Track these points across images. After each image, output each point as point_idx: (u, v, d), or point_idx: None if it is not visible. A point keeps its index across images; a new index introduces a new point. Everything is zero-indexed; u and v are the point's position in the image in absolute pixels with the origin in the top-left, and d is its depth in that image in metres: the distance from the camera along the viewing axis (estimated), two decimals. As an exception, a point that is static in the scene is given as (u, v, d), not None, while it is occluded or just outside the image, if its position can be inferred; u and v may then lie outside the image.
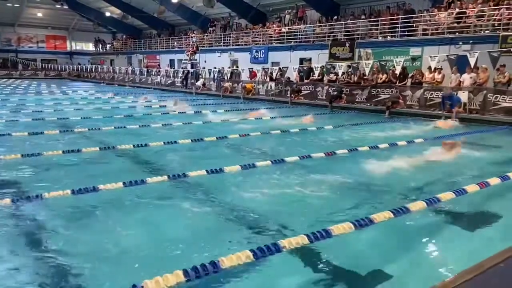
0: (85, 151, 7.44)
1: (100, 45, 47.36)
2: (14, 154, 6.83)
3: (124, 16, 40.98)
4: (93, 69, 40.00)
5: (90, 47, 49.35)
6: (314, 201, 5.25)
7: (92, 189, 4.99)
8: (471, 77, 13.89)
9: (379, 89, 16.30)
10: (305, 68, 20.47)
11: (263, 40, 26.01)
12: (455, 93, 13.67)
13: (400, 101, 14.92)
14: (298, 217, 4.59)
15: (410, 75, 16.08)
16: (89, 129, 10.01)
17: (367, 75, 17.05)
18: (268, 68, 22.43)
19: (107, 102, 18.24)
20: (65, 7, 41.31)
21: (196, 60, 29.34)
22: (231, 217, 4.56)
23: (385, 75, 16.66)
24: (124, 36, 44.90)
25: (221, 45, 29.41)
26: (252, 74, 22.90)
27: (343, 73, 17.78)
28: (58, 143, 8.48)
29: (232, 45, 28.40)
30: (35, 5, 42.72)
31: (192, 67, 28.37)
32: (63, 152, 7.21)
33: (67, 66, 43.12)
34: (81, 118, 12.45)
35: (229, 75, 24.74)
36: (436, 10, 17.80)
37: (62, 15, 45.08)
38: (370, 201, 5.20)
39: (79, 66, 41.92)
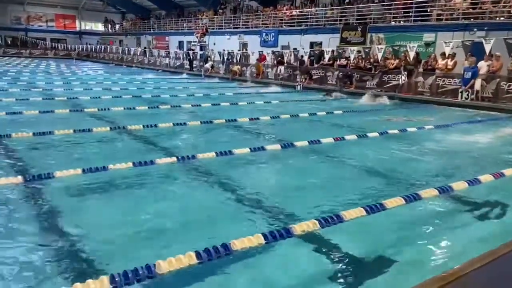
0: (95, 131, 7.45)
1: (109, 25, 47.14)
2: (26, 133, 6.85)
3: (133, -4, 40.70)
4: (102, 50, 39.89)
5: (99, 27, 49.14)
6: (324, 186, 5.22)
7: (102, 168, 5.00)
8: (488, 65, 13.63)
9: (390, 75, 16.07)
10: (316, 52, 20.21)
11: (273, 23, 25.67)
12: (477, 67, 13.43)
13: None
14: (308, 202, 4.57)
15: (424, 61, 15.82)
16: (99, 109, 10.01)
17: (379, 60, 16.79)
18: (278, 51, 22.19)
19: (116, 83, 18.22)
20: (75, -15, 41.10)
21: (205, 42, 29.11)
22: (241, 200, 4.55)
23: (397, 61, 16.39)
24: (134, 17, 44.60)
25: (230, 28, 29.10)
26: (262, 58, 22.70)
27: (354, 58, 17.52)
28: (69, 122, 8.48)
29: (242, 28, 28.09)
30: (45, -17, 42.52)
31: (201, 49, 28.17)
32: (74, 131, 7.22)
33: (76, 46, 43.06)
34: (91, 98, 12.46)
35: (238, 58, 24.54)
36: (451, -5, 17.40)
37: (71, -6, 44.88)
38: (383, 186, 5.16)
39: (88, 46, 41.84)
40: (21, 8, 44.86)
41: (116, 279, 2.57)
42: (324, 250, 3.53)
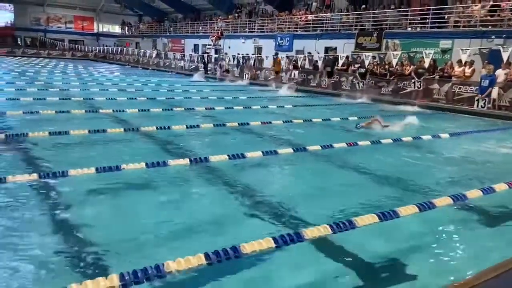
0: (110, 132, 7.54)
1: (126, 28, 47.79)
2: (42, 132, 6.97)
3: (150, -1, 41.21)
4: (119, 51, 40.41)
5: (116, 29, 49.84)
6: (337, 191, 5.19)
7: (115, 168, 5.05)
8: (505, 73, 13.42)
9: (406, 82, 15.93)
10: (330, 57, 20.16)
11: (288, 28, 25.70)
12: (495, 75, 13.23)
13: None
14: (320, 207, 4.54)
15: (440, 68, 15.66)
16: (114, 110, 10.13)
17: (394, 66, 16.67)
18: (293, 56, 22.20)
19: (131, 85, 18.42)
20: (94, -12, 41.83)
21: (220, 45, 29.28)
22: (252, 203, 4.54)
23: (412, 67, 16.27)
24: (150, 20, 45.13)
25: (246, 32, 29.23)
26: (277, 61, 22.72)
27: (369, 63, 17.42)
28: (84, 122, 8.60)
29: (257, 32, 28.18)
30: (64, -14, 43.37)
31: (216, 53, 28.34)
32: (89, 131, 7.31)
33: (93, 47, 43.72)
34: (106, 99, 12.62)
35: (252, 61, 24.62)
36: (469, 2, 17.20)
37: (90, -4, 45.67)
38: (395, 193, 5.11)
39: (105, 48, 42.44)
40: (41, 9, 45.78)
41: (126, 278, 2.59)
42: (335, 256, 3.50)
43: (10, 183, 4.46)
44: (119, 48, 41.14)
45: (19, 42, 44.26)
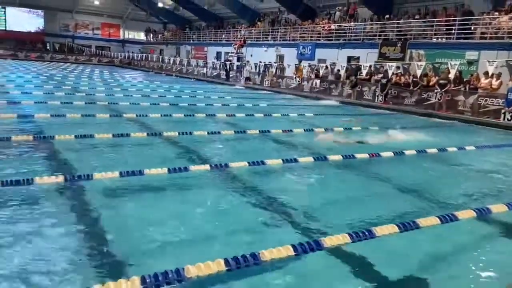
0: (133, 136, 7.69)
1: (151, 35, 48.72)
2: (68, 135, 7.16)
3: (175, 7, 41.96)
4: (143, 58, 41.18)
5: (141, 36, 50.86)
6: (357, 201, 5.15)
7: (138, 172, 5.15)
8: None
9: (430, 93, 15.70)
10: (353, 66, 20.07)
11: (311, 37, 25.73)
12: None
13: None
14: (340, 216, 4.52)
15: (465, 79, 15.38)
16: (137, 115, 10.32)
17: (418, 77, 16.45)
18: (315, 64, 22.20)
19: (155, 90, 18.73)
20: (121, -4, 42.89)
21: (242, 53, 29.53)
22: (271, 211, 4.55)
23: (436, 78, 16.03)
24: (174, 27, 45.90)
25: (268, 40, 29.39)
26: (299, 69, 22.76)
27: (392, 73, 17.25)
28: (108, 126, 8.79)
29: (279, 40, 28.30)
30: (93, -7, 44.64)
31: (238, 60, 28.59)
32: (113, 135, 7.47)
33: (119, 53, 44.72)
34: (130, 104, 12.87)
35: (274, 70, 24.72)
36: (496, 13, 16.87)
37: (117, 4, 46.80)
38: (417, 204, 5.03)
39: (130, 54, 43.34)
40: (70, 16, 47.17)
41: (147, 280, 2.64)
42: (353, 265, 3.46)
43: (37, 185, 4.60)
44: (144, 54, 41.93)
45: (48, 48, 45.63)
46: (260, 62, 26.11)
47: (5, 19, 43.14)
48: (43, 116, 9.19)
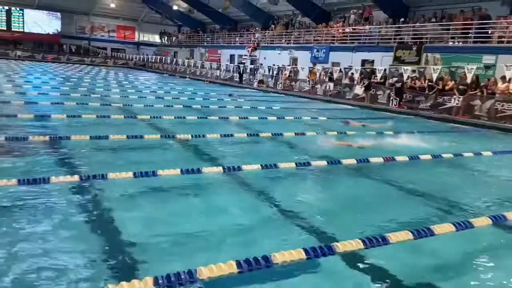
0: (147, 138, 7.76)
1: (166, 37, 49.15)
2: (83, 135, 7.26)
3: (190, 10, 42.25)
4: (158, 60, 41.56)
5: (156, 38, 51.33)
6: (370, 205, 5.10)
7: (152, 173, 5.19)
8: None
9: (445, 97, 15.51)
10: (367, 70, 19.94)
11: (325, 40, 25.65)
12: None
13: None
14: (353, 221, 4.48)
15: (482, 84, 15.16)
16: (151, 117, 10.41)
17: (434, 81, 16.27)
18: (328, 67, 22.12)
19: (168, 92, 18.88)
20: (137, -1, 43.42)
21: (256, 56, 29.58)
22: (284, 214, 4.54)
23: (452, 82, 15.84)
24: (189, 30, 46.25)
25: (282, 43, 29.40)
26: (313, 72, 22.72)
27: (408, 77, 17.09)
28: (123, 128, 8.87)
29: (293, 43, 28.29)
30: (109, -4, 45.29)
31: (251, 63, 28.65)
32: (127, 137, 7.55)
33: (133, 56, 45.22)
34: (144, 105, 12.99)
35: (288, 72, 24.70)
36: (515, 17, 16.61)
37: (133, 7, 47.33)
38: (431, 211, 4.97)
39: (145, 57, 43.76)
40: (86, 18, 47.91)
41: (160, 281, 2.66)
42: (365, 271, 3.43)
43: (53, 184, 4.67)
44: (158, 57, 42.29)
45: (65, 49, 46.37)
46: (274, 65, 26.13)
47: (23, 21, 44.00)
48: (59, 117, 9.34)
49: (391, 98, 17.33)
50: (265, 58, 29.32)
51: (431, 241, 3.84)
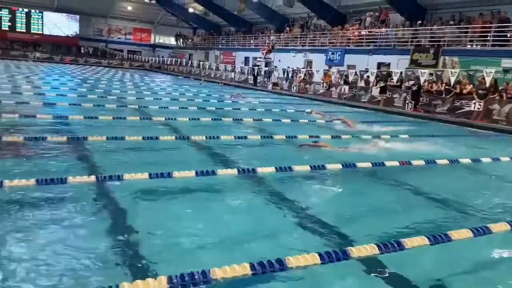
0: (162, 139, 7.82)
1: (181, 40, 49.57)
2: (100, 136, 7.35)
3: (205, 12, 42.54)
4: (173, 62, 41.93)
5: (171, 41, 51.83)
6: (386, 210, 5.05)
7: (167, 174, 5.22)
8: None
9: (463, 101, 15.27)
10: (383, 73, 19.76)
11: (340, 42, 25.52)
12: None
13: None
14: (368, 225, 4.44)
15: (501, 88, 14.88)
16: (166, 119, 10.49)
17: (451, 84, 16.03)
18: (344, 70, 22.00)
19: (183, 94, 19.01)
20: (153, 1, 43.91)
21: (270, 58, 29.60)
22: (298, 217, 4.52)
23: (470, 86, 15.58)
24: (204, 32, 46.55)
25: (297, 45, 29.35)
26: (328, 74, 22.62)
27: (424, 81, 16.87)
28: (138, 129, 8.97)
29: (308, 46, 28.22)
30: (127, -1, 45.96)
31: (266, 66, 28.67)
32: (143, 138, 7.62)
33: (149, 58, 45.71)
34: (159, 107, 13.10)
35: (302, 75, 24.63)
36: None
37: (149, 10, 47.91)
38: (448, 217, 4.89)
39: (160, 59, 44.23)
40: (104, 20, 48.65)
41: (174, 280, 2.67)
42: (380, 277, 3.39)
43: (70, 184, 4.74)
44: (173, 59, 42.69)
45: (82, 51, 47.15)
46: (288, 67, 26.10)
47: (42, 23, 44.91)
48: (77, 118, 9.49)
49: (407, 101, 17.13)
50: (279, 61, 29.31)
51: (448, 247, 3.78)
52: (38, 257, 3.19)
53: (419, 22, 21.37)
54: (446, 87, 16.26)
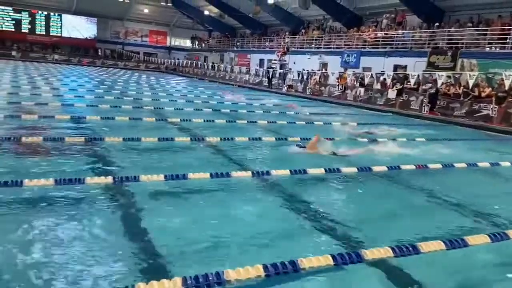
0: (177, 140, 7.90)
1: (196, 42, 49.95)
2: (116, 137, 7.46)
3: (221, 15, 42.76)
4: (188, 64, 42.24)
5: (187, 43, 52.25)
6: (402, 214, 5.00)
7: (182, 176, 5.27)
8: None
9: (481, 104, 15.01)
10: (400, 75, 19.56)
11: (356, 44, 25.37)
12: None
13: None
14: (383, 229, 4.40)
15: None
16: (181, 120, 10.58)
17: (469, 87, 15.78)
18: (359, 72, 21.87)
19: (198, 96, 19.13)
20: (169, 4, 44.32)
21: (285, 61, 29.58)
22: (312, 220, 4.51)
23: (489, 89, 15.32)
24: (219, 34, 46.80)
25: (312, 48, 29.28)
26: (343, 77, 22.51)
27: (442, 83, 16.64)
28: (154, 130, 9.06)
29: (323, 48, 28.12)
30: (143, 2, 46.50)
31: (281, 68, 28.66)
32: (158, 139, 7.71)
33: (165, 60, 46.17)
34: (175, 109, 13.22)
35: (318, 77, 24.55)
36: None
37: (165, 12, 48.38)
38: (465, 222, 4.81)
39: (176, 61, 44.62)
40: (121, 23, 49.33)
41: (188, 282, 2.70)
42: (394, 281, 3.36)
43: (88, 185, 4.82)
44: (189, 61, 43.00)
45: (99, 53, 47.87)
46: (303, 69, 26.04)
47: (61, 26, 45.78)
48: (94, 119, 9.64)
49: (424, 104, 16.92)
50: (294, 63, 29.27)
51: (464, 252, 3.72)
52: (54, 256, 3.24)
53: (437, 24, 21.11)
54: (464, 90, 16.02)
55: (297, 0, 30.34)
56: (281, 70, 28.22)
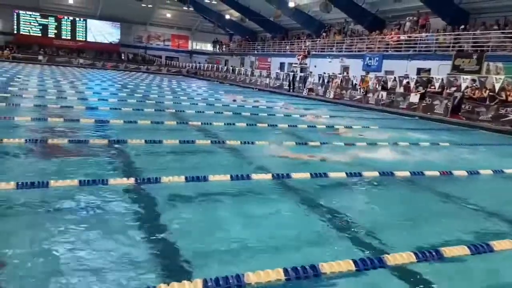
0: (198, 143, 7.96)
1: (217, 46, 50.37)
2: (139, 140, 7.57)
3: (242, 19, 43.00)
4: (209, 68, 42.60)
5: (208, 47, 52.75)
6: (424, 219, 4.90)
7: (203, 178, 5.31)
8: None
9: (508, 108, 14.61)
10: (423, 79, 19.23)
11: (378, 47, 25.08)
12: None
13: None
14: (405, 233, 4.32)
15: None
16: (202, 123, 10.66)
17: (496, 91, 15.38)
18: (382, 76, 21.60)
19: (219, 100, 19.26)
20: (191, 9, 44.87)
21: (306, 64, 29.49)
22: (333, 224, 4.46)
23: (516, 93, 14.90)
24: (240, 38, 47.07)
25: (333, 51, 29.11)
26: (365, 80, 22.29)
27: (467, 87, 16.27)
28: (175, 133, 9.15)
29: (345, 51, 27.92)
30: (165, 7, 47.27)
31: (301, 71, 28.59)
32: (179, 141, 7.79)
33: (186, 64, 46.72)
34: (196, 112, 13.34)
35: (339, 81, 24.39)
36: None
37: (187, 17, 48.99)
38: (491, 227, 4.69)
39: (197, 65, 45.06)
40: (144, 28, 50.22)
41: (209, 284, 2.71)
42: (417, 286, 3.29)
43: (111, 185, 4.91)
44: (210, 65, 43.37)
45: (123, 58, 48.81)
46: (324, 73, 25.90)
47: (86, 31, 46.93)
48: (117, 122, 9.81)
49: (448, 108, 16.58)
50: (315, 66, 29.15)
51: (490, 258, 3.62)
52: (75, 256, 3.29)
53: (462, 27, 20.68)
54: (490, 93, 15.62)
55: (318, 4, 30.26)
56: (302, 74, 28.14)
